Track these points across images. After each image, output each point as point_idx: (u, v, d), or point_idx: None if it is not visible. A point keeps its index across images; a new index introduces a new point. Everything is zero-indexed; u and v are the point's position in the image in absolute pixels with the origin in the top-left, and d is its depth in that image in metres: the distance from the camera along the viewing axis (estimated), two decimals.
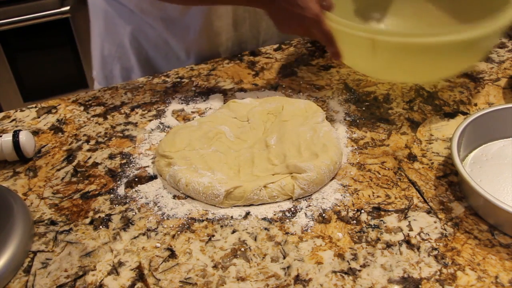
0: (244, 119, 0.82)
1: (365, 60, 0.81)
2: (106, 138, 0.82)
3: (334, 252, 0.61)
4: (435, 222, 0.65)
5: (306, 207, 0.68)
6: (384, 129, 0.81)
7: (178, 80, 0.97)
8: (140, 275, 0.60)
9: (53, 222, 0.67)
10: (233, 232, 0.65)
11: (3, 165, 0.77)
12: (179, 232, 0.65)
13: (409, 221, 0.65)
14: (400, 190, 0.70)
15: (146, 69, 1.10)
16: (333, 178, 0.72)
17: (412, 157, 0.75)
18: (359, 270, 0.59)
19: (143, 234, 0.65)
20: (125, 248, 0.63)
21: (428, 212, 0.66)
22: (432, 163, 0.74)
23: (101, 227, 0.66)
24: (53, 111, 0.89)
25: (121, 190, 0.72)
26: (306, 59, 1.01)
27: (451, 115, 0.84)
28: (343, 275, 0.59)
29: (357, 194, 0.69)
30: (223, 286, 0.58)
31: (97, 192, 0.72)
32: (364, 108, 0.86)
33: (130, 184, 0.73)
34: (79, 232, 0.66)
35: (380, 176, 0.72)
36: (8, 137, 0.75)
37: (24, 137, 0.75)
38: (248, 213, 0.67)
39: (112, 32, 1.09)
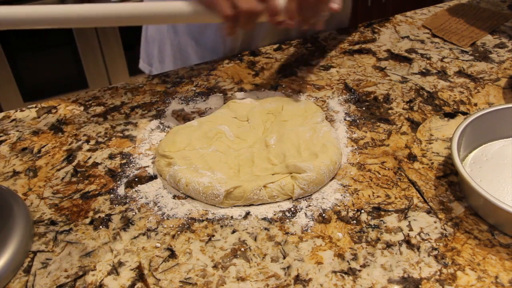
0: (244, 119, 0.82)
1: None
2: (106, 138, 0.82)
3: (334, 252, 0.61)
4: (435, 222, 0.65)
5: (306, 207, 0.68)
6: (384, 129, 0.81)
7: (178, 80, 0.97)
8: (140, 275, 0.60)
9: (53, 222, 0.67)
10: (233, 232, 0.65)
11: (3, 165, 0.77)
12: (179, 232, 0.65)
13: (409, 221, 0.65)
14: (400, 190, 0.70)
15: (178, 57, 1.11)
16: (333, 178, 0.72)
17: (412, 157, 0.75)
18: (359, 270, 0.59)
19: (143, 234, 0.65)
20: (125, 248, 0.63)
21: (428, 212, 0.66)
22: (432, 163, 0.74)
23: (101, 227, 0.66)
24: (53, 111, 0.89)
25: (121, 190, 0.72)
26: (306, 59, 1.01)
27: (451, 115, 0.84)
28: (343, 275, 0.59)
29: (357, 194, 0.69)
30: (223, 286, 0.58)
31: (97, 192, 0.72)
32: (364, 108, 0.86)
33: (130, 184, 0.73)
34: (79, 232, 0.66)
35: (380, 176, 0.72)
36: None
37: None
38: (248, 213, 0.67)
39: None
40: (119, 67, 2.03)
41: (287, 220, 0.66)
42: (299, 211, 0.67)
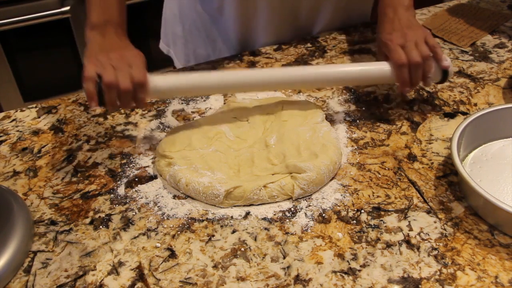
0: (244, 119, 0.82)
1: None
2: (106, 138, 0.82)
3: (334, 252, 0.61)
4: (435, 222, 0.65)
5: (306, 207, 0.68)
6: (384, 129, 0.81)
7: None
8: (140, 275, 0.60)
9: (53, 222, 0.67)
10: (233, 232, 0.65)
11: (3, 165, 0.77)
12: (179, 232, 0.65)
13: (409, 221, 0.65)
14: (400, 190, 0.70)
15: (189, 40, 1.11)
16: (333, 178, 0.72)
17: (412, 157, 0.75)
18: (359, 270, 0.59)
19: (143, 234, 0.65)
20: (125, 248, 0.63)
21: (428, 212, 0.66)
22: (432, 163, 0.74)
23: (101, 227, 0.66)
24: (53, 111, 0.89)
25: (121, 190, 0.72)
26: (306, 59, 1.01)
27: (451, 115, 0.84)
28: (343, 275, 0.59)
29: (357, 194, 0.70)
30: (223, 286, 0.58)
31: (97, 192, 0.72)
32: (364, 108, 0.86)
33: (130, 184, 0.73)
34: (79, 232, 0.66)
35: (380, 176, 0.72)
36: None
37: None
38: (248, 213, 0.67)
39: None
40: None
41: (287, 220, 0.66)
42: (299, 211, 0.67)
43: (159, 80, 0.74)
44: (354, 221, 0.65)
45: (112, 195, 0.71)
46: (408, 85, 0.79)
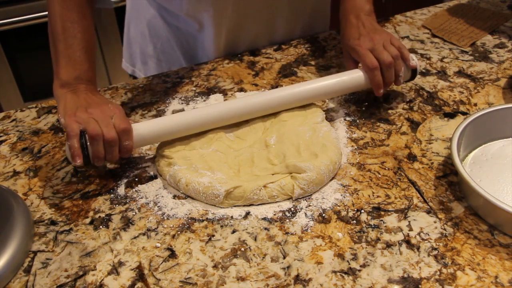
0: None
1: None
2: None
3: (334, 252, 0.61)
4: (435, 222, 0.65)
5: (306, 207, 0.68)
6: (384, 129, 0.81)
7: (178, 80, 0.97)
8: (140, 275, 0.60)
9: (53, 222, 0.67)
10: (233, 232, 0.65)
11: (3, 165, 0.77)
12: (179, 232, 0.65)
13: (409, 221, 0.65)
14: (400, 190, 0.70)
15: (162, 59, 1.10)
16: (333, 178, 0.72)
17: (412, 157, 0.75)
18: (359, 270, 0.59)
19: (143, 234, 0.65)
20: (125, 248, 0.63)
21: (428, 212, 0.66)
22: (432, 163, 0.74)
23: (101, 227, 0.66)
24: (53, 111, 0.89)
25: (121, 190, 0.72)
26: (306, 59, 1.01)
27: (451, 115, 0.84)
28: (343, 275, 0.59)
29: (357, 194, 0.70)
30: (223, 286, 0.58)
31: (97, 192, 0.72)
32: (364, 108, 0.86)
33: (130, 184, 0.73)
34: (79, 232, 0.66)
35: (380, 176, 0.72)
36: None
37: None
38: (248, 213, 0.67)
39: (136, 15, 1.10)
40: (119, 67, 2.03)
41: (287, 220, 0.66)
42: (299, 211, 0.67)
43: (142, 127, 0.73)
44: (354, 221, 0.65)
45: (112, 195, 0.71)
46: (382, 87, 0.81)
